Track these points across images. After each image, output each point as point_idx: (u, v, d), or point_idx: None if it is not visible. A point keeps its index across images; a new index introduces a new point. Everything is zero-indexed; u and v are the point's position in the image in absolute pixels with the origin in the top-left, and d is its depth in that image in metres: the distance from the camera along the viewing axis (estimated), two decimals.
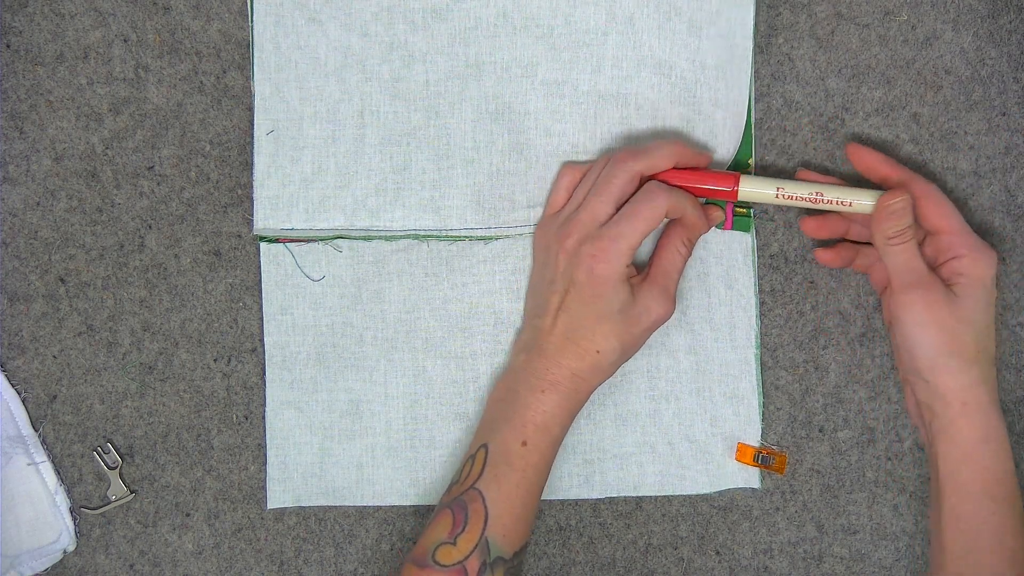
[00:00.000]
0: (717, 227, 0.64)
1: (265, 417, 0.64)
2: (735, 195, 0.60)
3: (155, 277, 0.65)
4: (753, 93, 0.65)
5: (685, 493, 0.65)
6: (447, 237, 0.64)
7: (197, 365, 0.65)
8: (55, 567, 0.64)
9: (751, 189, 0.60)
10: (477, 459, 0.58)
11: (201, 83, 0.64)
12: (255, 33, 0.64)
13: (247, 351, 0.65)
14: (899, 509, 0.65)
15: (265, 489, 0.64)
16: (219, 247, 0.65)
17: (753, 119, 0.65)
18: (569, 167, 0.62)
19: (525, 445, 0.57)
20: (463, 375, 0.64)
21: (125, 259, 0.65)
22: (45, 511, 0.64)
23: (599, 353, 0.57)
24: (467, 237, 0.64)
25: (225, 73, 0.65)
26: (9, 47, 0.64)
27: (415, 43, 0.63)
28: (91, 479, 0.65)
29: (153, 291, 0.65)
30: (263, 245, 0.64)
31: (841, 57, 0.65)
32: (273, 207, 0.63)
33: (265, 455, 0.64)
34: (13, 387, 0.64)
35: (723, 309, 0.65)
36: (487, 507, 0.56)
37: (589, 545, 0.65)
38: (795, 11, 0.65)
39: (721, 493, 0.65)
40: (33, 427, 0.64)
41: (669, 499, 0.65)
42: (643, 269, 0.61)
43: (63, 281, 0.64)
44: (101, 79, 0.64)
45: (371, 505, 0.65)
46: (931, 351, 0.57)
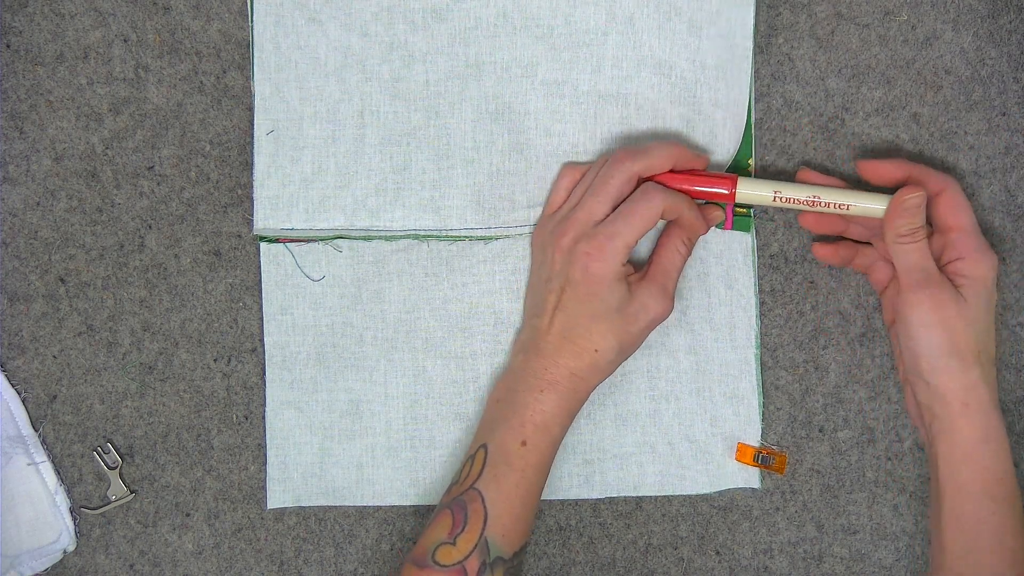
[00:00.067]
0: (717, 227, 0.64)
1: (265, 417, 0.64)
2: (732, 198, 0.60)
3: (155, 277, 0.65)
4: (753, 93, 0.65)
5: (685, 493, 0.65)
6: (447, 237, 0.64)
7: (197, 365, 0.65)
8: (55, 567, 0.64)
9: (748, 192, 0.60)
10: (476, 459, 0.58)
11: (201, 83, 0.64)
12: (255, 33, 0.64)
13: (247, 351, 0.65)
14: (899, 509, 0.65)
15: (265, 489, 0.65)
16: (219, 247, 0.65)
17: (753, 119, 0.65)
18: (569, 168, 0.62)
19: (524, 445, 0.57)
20: (463, 375, 0.64)
21: (125, 259, 0.65)
22: (45, 511, 0.64)
23: (597, 352, 0.57)
24: (467, 237, 0.64)
25: (225, 73, 0.65)
26: (9, 47, 0.64)
27: (415, 43, 0.63)
28: (91, 479, 0.65)
29: (153, 291, 0.65)
30: (263, 245, 0.64)
31: (841, 57, 0.65)
32: (273, 207, 0.63)
33: (265, 455, 0.64)
34: (13, 387, 0.64)
35: (723, 309, 0.65)
36: (486, 507, 0.56)
37: (589, 545, 0.65)
38: (795, 11, 0.65)
39: (721, 493, 0.65)
40: (33, 427, 0.64)
41: (669, 499, 0.65)
42: (642, 267, 0.61)
43: (63, 281, 0.64)
44: (101, 79, 0.64)
45: (371, 505, 0.65)
46: (934, 351, 0.57)
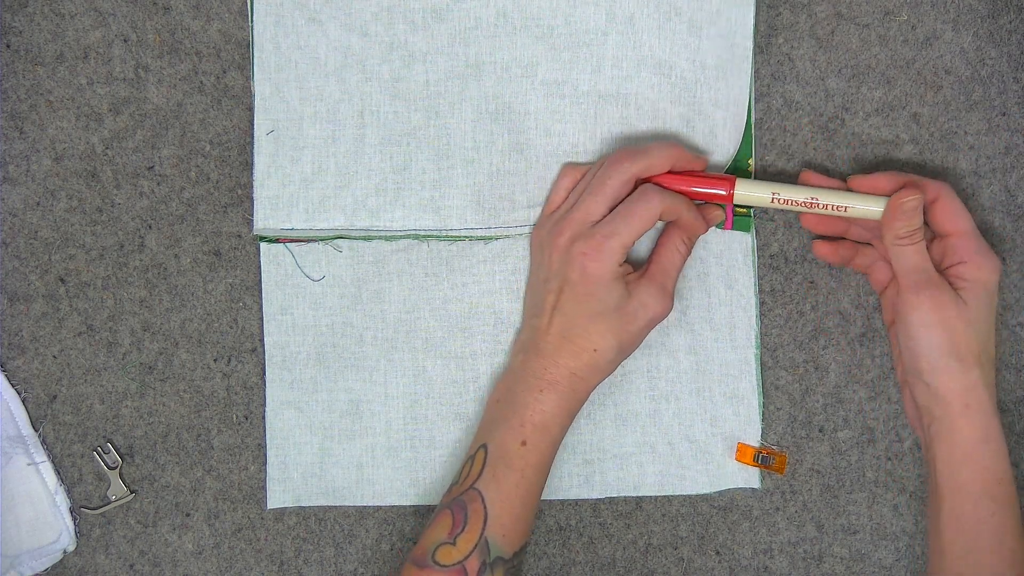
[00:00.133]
0: (717, 227, 0.64)
1: (265, 417, 0.64)
2: (731, 199, 0.60)
3: (155, 277, 0.65)
4: (753, 93, 0.65)
5: (685, 493, 0.65)
6: (447, 237, 0.64)
7: (197, 365, 0.65)
8: (55, 567, 0.64)
9: (746, 193, 0.60)
10: (476, 459, 0.58)
11: (201, 83, 0.64)
12: (255, 33, 0.64)
13: (247, 351, 0.65)
14: (899, 509, 0.65)
15: (265, 489, 0.65)
16: (219, 247, 0.65)
17: (753, 119, 0.65)
18: (569, 168, 0.62)
19: (524, 445, 0.57)
20: (463, 375, 0.64)
21: (125, 259, 0.65)
22: (45, 511, 0.64)
23: (596, 351, 0.57)
24: (467, 237, 0.64)
25: (225, 73, 0.65)
26: (9, 47, 0.64)
27: (415, 43, 0.63)
28: (91, 479, 0.65)
29: (153, 291, 0.65)
30: (263, 245, 0.64)
31: (841, 57, 0.65)
32: (273, 207, 0.63)
33: (265, 455, 0.64)
34: (13, 387, 0.64)
35: (723, 309, 0.65)
36: (486, 507, 0.56)
37: (589, 545, 0.65)
38: (795, 11, 0.65)
39: (721, 493, 0.65)
40: (33, 427, 0.64)
41: (669, 499, 0.65)
42: (642, 267, 0.61)
43: (63, 281, 0.64)
44: (101, 79, 0.64)
45: (371, 505, 0.65)
46: (934, 352, 0.57)
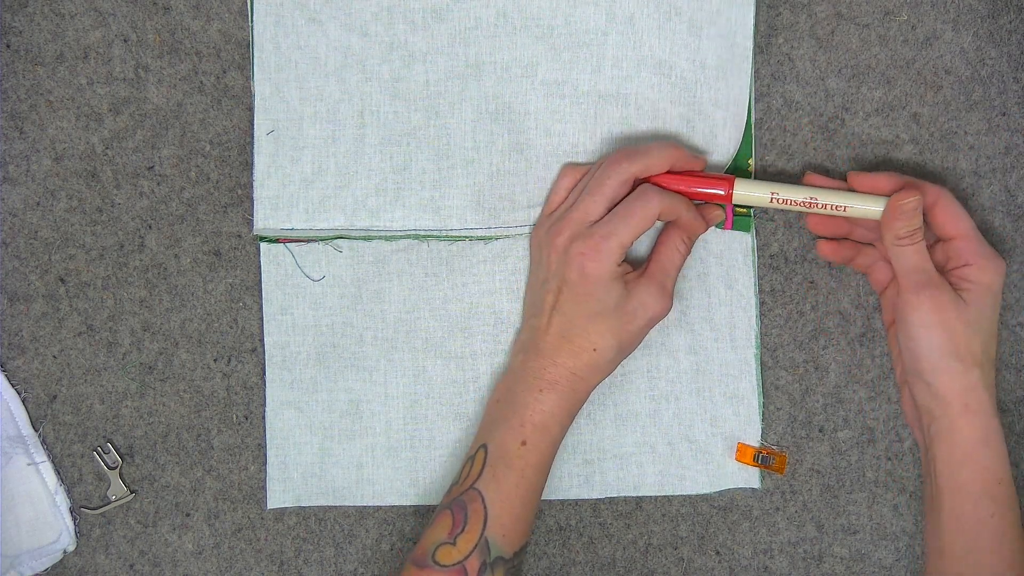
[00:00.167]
0: (717, 227, 0.64)
1: (265, 417, 0.64)
2: (730, 199, 0.60)
3: (155, 277, 0.65)
4: (753, 93, 0.65)
5: (685, 493, 0.65)
6: (447, 237, 0.64)
7: (197, 365, 0.65)
8: (55, 567, 0.64)
9: (745, 193, 0.60)
10: (476, 460, 0.58)
11: (201, 83, 0.64)
12: (255, 33, 0.64)
13: (247, 351, 0.65)
14: (899, 509, 0.65)
15: (265, 489, 0.65)
16: (219, 247, 0.65)
17: (753, 119, 0.65)
18: (569, 168, 0.62)
19: (524, 445, 0.57)
20: (463, 375, 0.64)
21: (125, 259, 0.65)
22: (45, 511, 0.64)
23: (596, 351, 0.57)
24: (467, 237, 0.64)
25: (225, 73, 0.65)
26: (9, 47, 0.64)
27: (415, 43, 0.63)
28: (91, 479, 0.65)
29: (153, 291, 0.65)
30: (263, 245, 0.64)
31: (841, 57, 0.65)
32: (273, 207, 0.63)
33: (265, 455, 0.64)
34: (13, 387, 0.64)
35: (723, 309, 0.65)
36: (486, 507, 0.56)
37: (589, 545, 0.65)
38: (795, 11, 0.65)
39: (721, 493, 0.65)
40: (33, 427, 0.64)
41: (669, 499, 0.65)
42: (641, 266, 0.61)
43: (63, 281, 0.64)
44: (101, 79, 0.64)
45: (371, 505, 0.65)
46: (935, 352, 0.57)
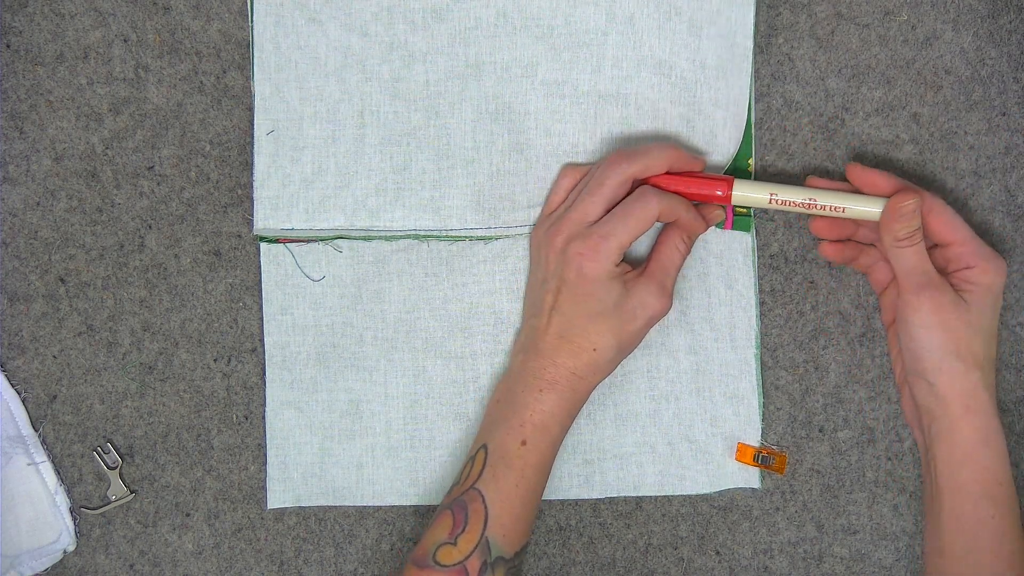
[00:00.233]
0: (717, 227, 0.64)
1: (265, 417, 0.64)
2: (728, 199, 0.60)
3: (155, 277, 0.65)
4: (753, 93, 0.65)
5: (685, 493, 0.65)
6: (447, 237, 0.64)
7: (197, 365, 0.65)
8: (55, 567, 0.64)
9: (744, 194, 0.60)
10: (477, 460, 0.58)
11: (201, 83, 0.64)
12: (255, 33, 0.63)
13: (247, 351, 0.65)
14: (899, 509, 0.65)
15: (265, 489, 0.64)
16: (219, 247, 0.65)
17: (753, 119, 0.65)
18: (570, 168, 0.62)
19: (524, 445, 0.57)
20: (463, 375, 0.64)
21: (125, 259, 0.65)
22: (45, 511, 0.64)
23: (595, 351, 0.57)
24: (467, 237, 0.64)
25: (225, 73, 0.65)
26: (9, 47, 0.64)
27: (415, 43, 0.63)
28: (91, 479, 0.65)
29: (153, 291, 0.65)
30: (263, 245, 0.64)
31: (841, 57, 0.65)
32: (273, 207, 0.63)
33: (265, 455, 0.64)
34: (13, 387, 0.64)
35: (723, 309, 0.65)
36: (487, 507, 0.56)
37: (589, 545, 0.65)
38: (795, 11, 0.65)
39: (721, 493, 0.65)
40: (33, 427, 0.64)
41: (669, 499, 0.65)
42: (641, 265, 0.61)
43: (63, 281, 0.64)
44: (101, 79, 0.64)
45: (371, 505, 0.65)
46: (937, 353, 0.57)
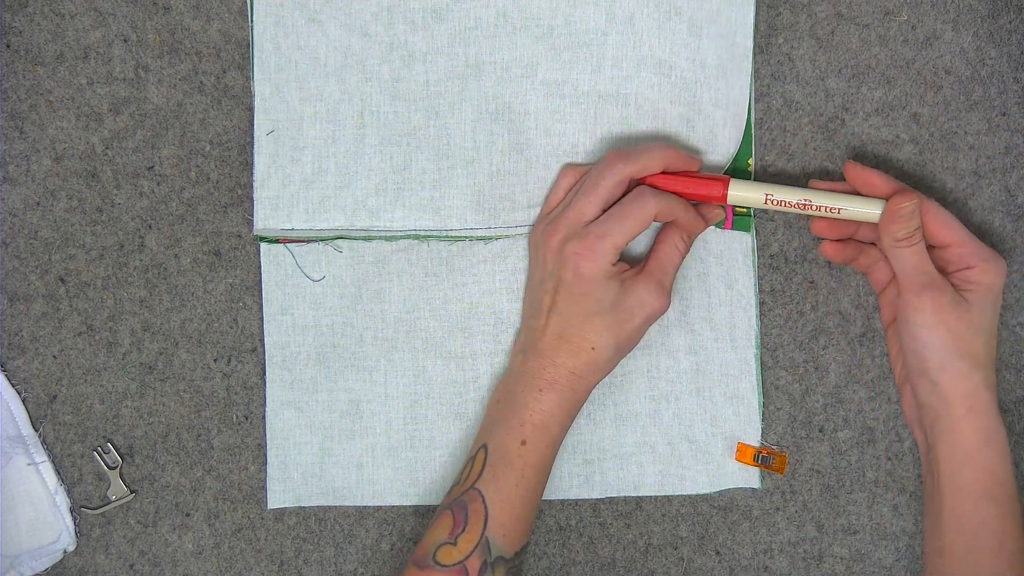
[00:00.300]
0: (717, 227, 0.64)
1: (265, 417, 0.64)
2: (724, 199, 0.60)
3: (155, 277, 0.65)
4: (753, 93, 0.65)
5: (685, 493, 0.65)
6: (447, 237, 0.64)
7: (197, 365, 0.65)
8: (55, 567, 0.64)
9: (740, 194, 0.60)
10: (477, 460, 0.58)
11: (201, 83, 0.64)
12: (255, 33, 0.63)
13: (247, 351, 0.65)
14: (899, 509, 0.65)
15: (265, 489, 0.64)
16: (219, 247, 0.65)
17: (753, 119, 0.65)
18: (569, 168, 0.62)
19: (524, 444, 0.57)
20: (463, 375, 0.64)
21: (125, 259, 0.65)
22: (45, 511, 0.64)
23: (594, 350, 0.57)
24: (467, 237, 0.64)
25: (225, 73, 0.65)
26: (9, 47, 0.64)
27: (415, 43, 0.63)
28: (91, 479, 0.64)
29: (153, 291, 0.65)
30: (263, 245, 0.64)
31: (841, 57, 0.65)
32: (273, 207, 0.63)
33: (265, 455, 0.64)
34: (13, 387, 0.64)
35: (723, 309, 0.65)
36: (487, 507, 0.56)
37: (589, 545, 0.65)
38: (795, 11, 0.65)
39: (721, 493, 0.65)
40: (33, 427, 0.64)
41: (669, 499, 0.65)
42: (640, 264, 0.61)
43: (63, 281, 0.64)
44: (101, 79, 0.64)
45: (371, 505, 0.65)
46: (940, 353, 0.57)
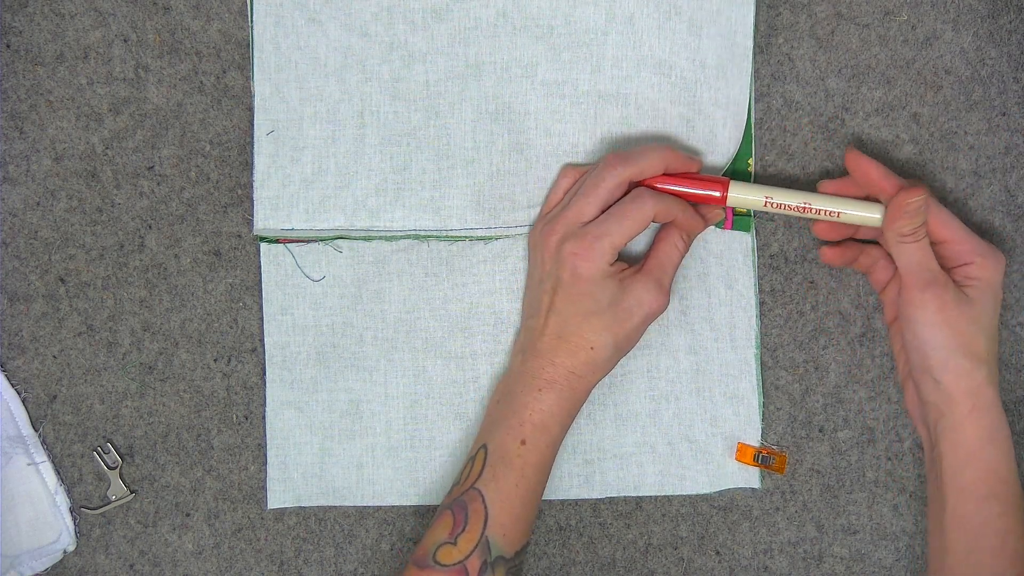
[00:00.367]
0: (717, 227, 0.64)
1: (265, 417, 0.64)
2: (724, 201, 0.60)
3: (155, 277, 0.65)
4: (753, 93, 0.65)
5: (685, 493, 0.65)
6: (447, 237, 0.64)
7: (197, 365, 0.65)
8: (55, 567, 0.64)
9: (740, 196, 0.60)
10: (477, 460, 0.58)
11: (201, 83, 0.64)
12: (255, 33, 0.64)
13: (247, 351, 0.65)
14: (899, 509, 0.65)
15: (265, 489, 0.64)
16: (219, 247, 0.65)
17: (753, 119, 0.65)
18: (569, 168, 0.62)
19: (524, 444, 0.57)
20: (463, 375, 0.64)
21: (125, 259, 0.65)
22: (45, 511, 0.64)
23: (593, 349, 0.57)
24: (467, 237, 0.64)
25: (225, 73, 0.65)
26: (9, 47, 0.64)
27: (415, 43, 0.63)
28: (91, 479, 0.64)
29: (153, 291, 0.65)
30: (263, 245, 0.64)
31: (841, 57, 0.65)
32: (273, 207, 0.63)
33: (265, 455, 0.64)
34: (13, 387, 0.64)
35: (723, 309, 0.65)
36: (487, 507, 0.56)
37: (589, 545, 0.65)
38: (795, 11, 0.65)
39: (721, 493, 0.65)
40: (33, 427, 0.64)
41: (669, 499, 0.65)
42: (639, 263, 0.61)
43: (63, 281, 0.64)
44: (101, 79, 0.64)
45: (371, 505, 0.65)
46: (943, 350, 0.57)
